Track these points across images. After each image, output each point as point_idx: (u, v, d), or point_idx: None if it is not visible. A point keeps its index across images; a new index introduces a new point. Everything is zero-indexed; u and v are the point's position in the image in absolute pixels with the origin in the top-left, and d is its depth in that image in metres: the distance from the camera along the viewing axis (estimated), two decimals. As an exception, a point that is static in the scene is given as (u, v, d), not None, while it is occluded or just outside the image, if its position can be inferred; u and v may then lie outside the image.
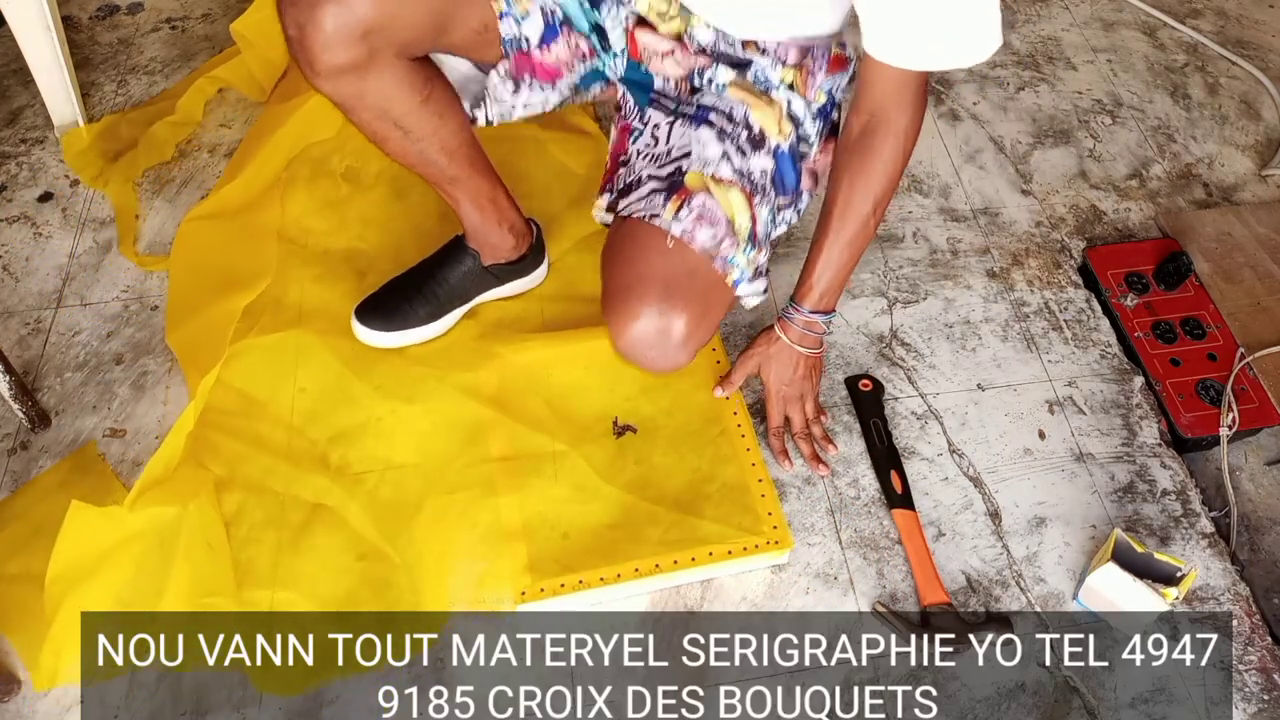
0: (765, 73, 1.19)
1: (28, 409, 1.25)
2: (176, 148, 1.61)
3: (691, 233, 1.14)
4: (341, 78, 1.06)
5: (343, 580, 1.16)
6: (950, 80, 1.82)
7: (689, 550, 1.18)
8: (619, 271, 1.17)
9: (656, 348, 1.14)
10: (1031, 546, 1.25)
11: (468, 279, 1.35)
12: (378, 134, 1.15)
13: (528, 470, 1.25)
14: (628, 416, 1.31)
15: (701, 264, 1.15)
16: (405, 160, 1.20)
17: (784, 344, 1.26)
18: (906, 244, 1.56)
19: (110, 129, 1.63)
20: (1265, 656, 1.17)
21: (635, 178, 1.22)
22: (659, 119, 1.24)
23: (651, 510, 1.22)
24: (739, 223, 1.16)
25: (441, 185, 1.25)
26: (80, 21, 1.83)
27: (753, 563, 1.19)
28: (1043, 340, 1.45)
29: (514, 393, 1.32)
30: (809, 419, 1.31)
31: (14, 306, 1.42)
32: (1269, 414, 1.38)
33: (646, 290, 1.13)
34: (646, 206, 1.17)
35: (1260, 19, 2.00)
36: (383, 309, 1.33)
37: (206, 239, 1.46)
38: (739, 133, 1.18)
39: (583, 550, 1.18)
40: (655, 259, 1.15)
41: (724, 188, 1.16)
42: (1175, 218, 1.62)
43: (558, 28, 1.18)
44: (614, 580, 1.16)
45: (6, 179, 1.58)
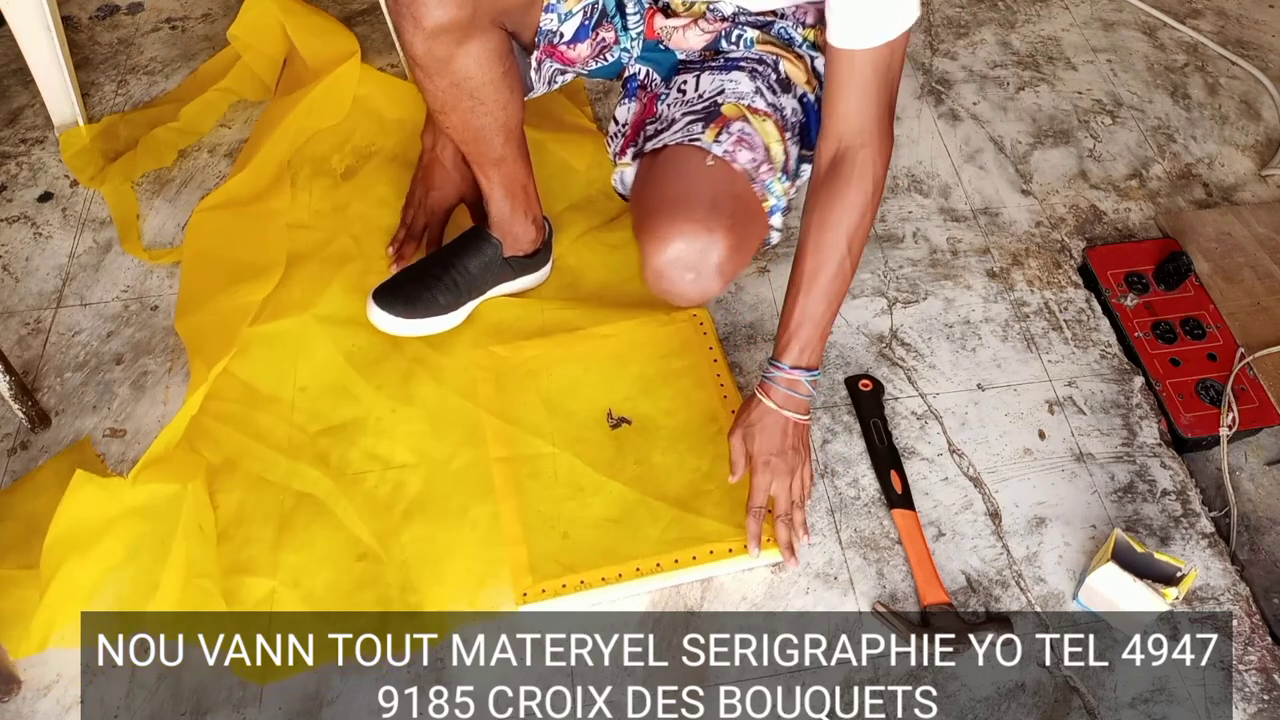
0: (789, 30, 1.22)
1: (28, 409, 1.25)
2: (178, 153, 1.61)
3: (733, 153, 1.12)
4: (441, 36, 1.06)
5: (343, 580, 1.16)
6: (950, 80, 1.82)
7: (689, 549, 1.18)
8: (658, 191, 1.13)
9: (695, 269, 1.09)
10: (1031, 546, 1.25)
11: (489, 269, 1.34)
12: (447, 102, 1.15)
13: (527, 471, 1.25)
14: (626, 415, 1.31)
15: (743, 186, 1.13)
16: (463, 133, 1.20)
17: (767, 408, 1.17)
18: (906, 244, 1.56)
19: (110, 129, 1.63)
20: (1265, 656, 1.17)
21: (667, 121, 1.21)
22: (687, 78, 1.24)
23: (652, 508, 1.22)
24: (775, 151, 1.16)
25: (485, 166, 1.25)
26: (80, 21, 1.83)
27: (753, 561, 1.19)
28: (1043, 340, 1.45)
29: (513, 392, 1.32)
30: (794, 502, 1.20)
31: (14, 306, 1.42)
32: (1269, 414, 1.38)
33: (693, 207, 1.09)
34: (685, 134, 1.15)
35: (1260, 19, 1.99)
36: (404, 295, 1.30)
37: (218, 228, 1.47)
38: (769, 74, 1.20)
39: (583, 549, 1.18)
40: (698, 177, 1.11)
41: (760, 118, 1.16)
42: (1175, 218, 1.62)
43: (590, 29, 1.20)
44: (615, 580, 1.16)
45: (6, 179, 1.58)
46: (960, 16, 1.94)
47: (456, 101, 1.14)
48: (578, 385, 1.33)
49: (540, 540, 1.19)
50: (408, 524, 1.20)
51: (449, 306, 1.32)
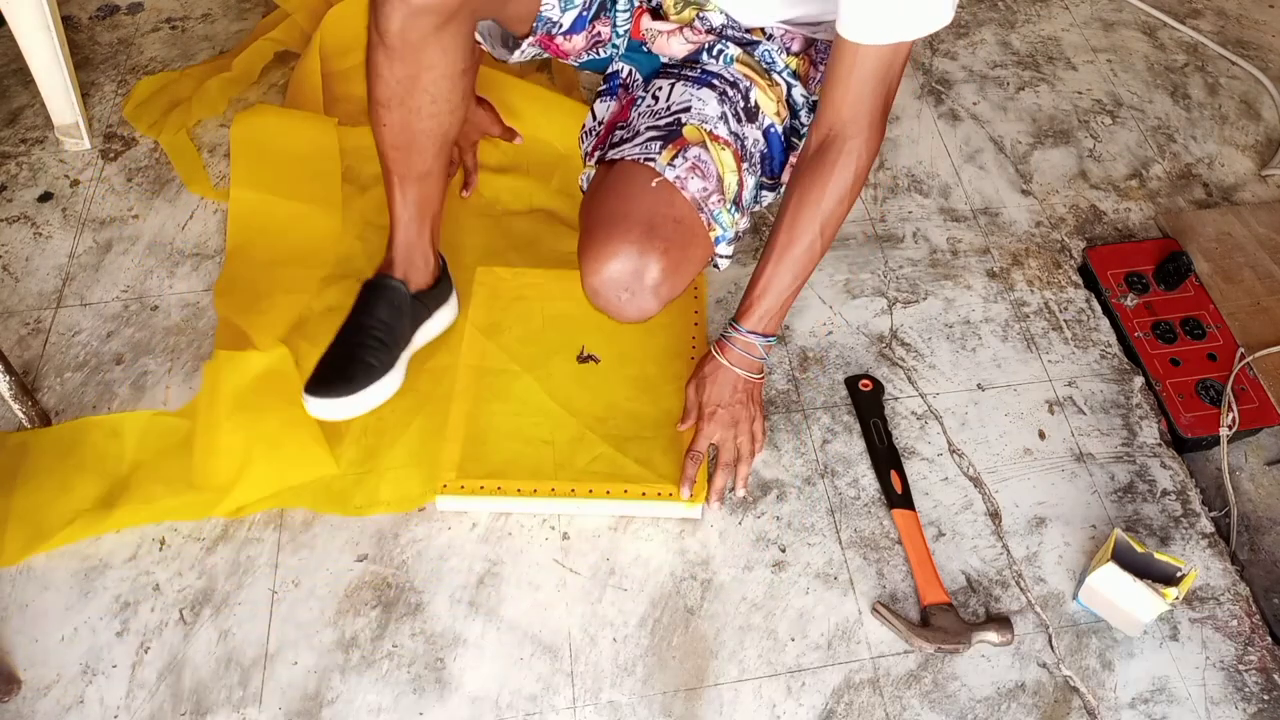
0: (771, 54, 1.21)
1: (28, 409, 1.25)
2: (229, 102, 1.67)
3: (684, 180, 1.12)
4: (423, 16, 1.02)
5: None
6: (950, 80, 1.82)
7: (605, 483, 1.23)
8: (603, 206, 1.13)
9: (630, 289, 1.10)
10: (1031, 546, 1.25)
11: (402, 313, 1.25)
12: (396, 95, 1.09)
13: (487, 382, 1.32)
14: (602, 348, 1.35)
15: (688, 212, 1.12)
16: (398, 137, 1.14)
17: (719, 363, 1.22)
18: (906, 244, 1.56)
19: (170, 83, 1.70)
20: (1265, 656, 1.17)
21: (632, 132, 1.20)
22: (663, 84, 1.23)
23: (587, 440, 1.27)
24: (728, 181, 1.15)
25: (405, 181, 1.19)
26: (80, 21, 1.83)
27: (662, 509, 1.22)
28: (1043, 340, 1.45)
29: (501, 312, 1.38)
30: (740, 455, 1.23)
31: (14, 306, 1.42)
32: (1269, 414, 1.38)
33: (630, 227, 1.09)
34: (642, 151, 1.15)
35: (1260, 19, 2.00)
36: (336, 375, 1.19)
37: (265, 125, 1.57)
38: (738, 100, 1.19)
39: (510, 461, 1.24)
40: (642, 197, 1.11)
41: (719, 146, 1.15)
42: (1175, 218, 1.62)
43: (587, 21, 1.20)
44: (530, 494, 1.22)
45: (6, 179, 1.58)
46: (960, 16, 1.94)
47: (407, 96, 1.09)
48: (561, 319, 1.38)
49: (475, 444, 1.25)
50: (375, 421, 1.28)
51: (385, 366, 1.22)
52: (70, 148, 1.61)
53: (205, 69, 1.72)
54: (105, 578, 1.17)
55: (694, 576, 1.20)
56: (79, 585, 1.16)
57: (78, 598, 1.15)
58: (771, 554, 1.22)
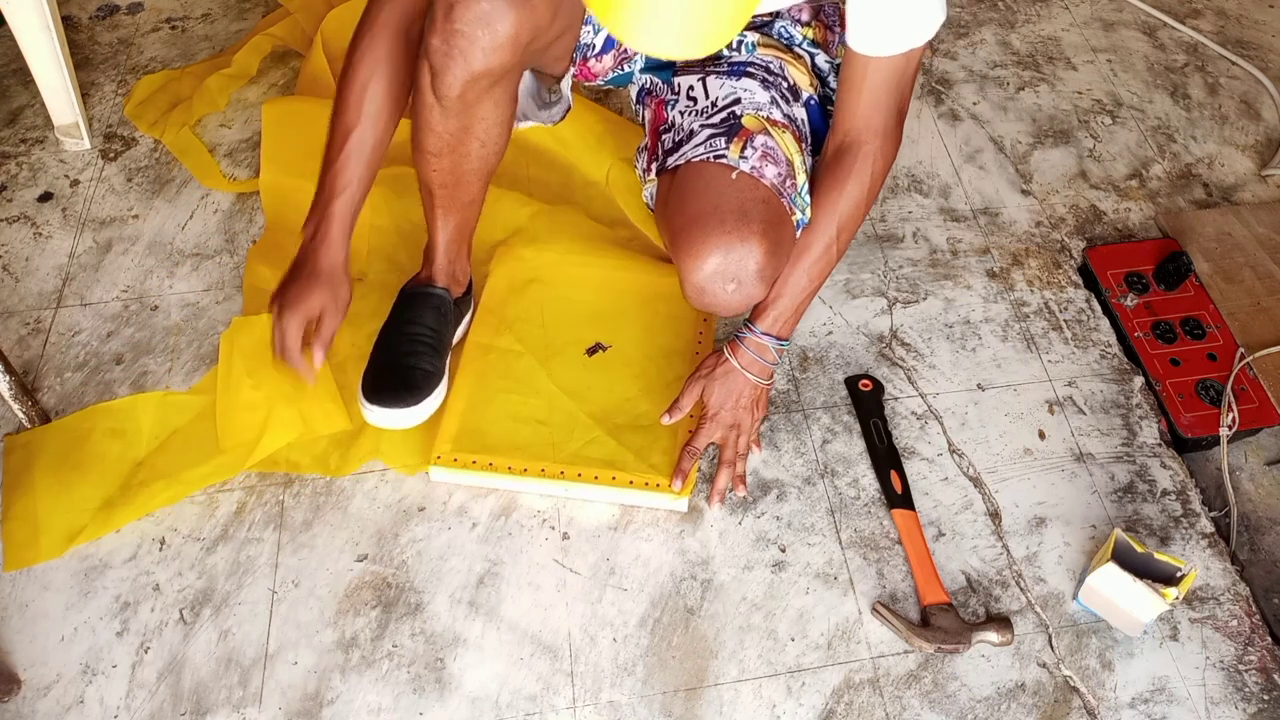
0: (787, 29, 1.22)
1: (28, 409, 1.25)
2: (230, 99, 1.68)
3: (760, 169, 1.12)
4: (482, 79, 1.01)
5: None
6: (950, 80, 1.82)
7: (597, 469, 1.23)
8: (687, 208, 1.13)
9: (736, 279, 1.09)
10: (1031, 546, 1.25)
11: (447, 320, 1.27)
12: (448, 144, 1.09)
13: (493, 359, 1.33)
14: (609, 338, 1.36)
15: (772, 196, 1.12)
16: (447, 176, 1.14)
17: (731, 366, 1.22)
18: (906, 244, 1.56)
19: (170, 82, 1.70)
20: (1265, 656, 1.17)
21: (686, 132, 1.20)
22: (690, 81, 1.23)
23: (583, 424, 1.28)
24: (797, 163, 1.16)
25: (449, 209, 1.19)
26: (80, 21, 1.83)
27: (649, 499, 1.23)
28: (1043, 340, 1.45)
29: (515, 292, 1.40)
30: (738, 454, 1.24)
31: (14, 306, 1.42)
32: (1269, 414, 1.38)
33: (723, 218, 1.09)
34: (708, 149, 1.15)
35: (1260, 19, 2.00)
36: (397, 381, 1.20)
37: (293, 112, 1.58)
38: (780, 82, 1.20)
39: (505, 439, 1.26)
40: (727, 191, 1.11)
41: (780, 130, 1.16)
42: (1175, 218, 1.62)
43: (615, 39, 1.20)
44: (520, 474, 1.23)
45: (6, 179, 1.58)
46: (960, 16, 1.94)
47: (459, 144, 1.09)
48: (574, 305, 1.39)
49: (473, 418, 1.27)
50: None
51: (440, 371, 1.25)
52: (70, 148, 1.61)
53: (205, 67, 1.72)
54: (105, 578, 1.17)
55: (694, 576, 1.20)
56: (79, 585, 1.16)
57: (78, 598, 1.15)
58: (771, 554, 1.22)
